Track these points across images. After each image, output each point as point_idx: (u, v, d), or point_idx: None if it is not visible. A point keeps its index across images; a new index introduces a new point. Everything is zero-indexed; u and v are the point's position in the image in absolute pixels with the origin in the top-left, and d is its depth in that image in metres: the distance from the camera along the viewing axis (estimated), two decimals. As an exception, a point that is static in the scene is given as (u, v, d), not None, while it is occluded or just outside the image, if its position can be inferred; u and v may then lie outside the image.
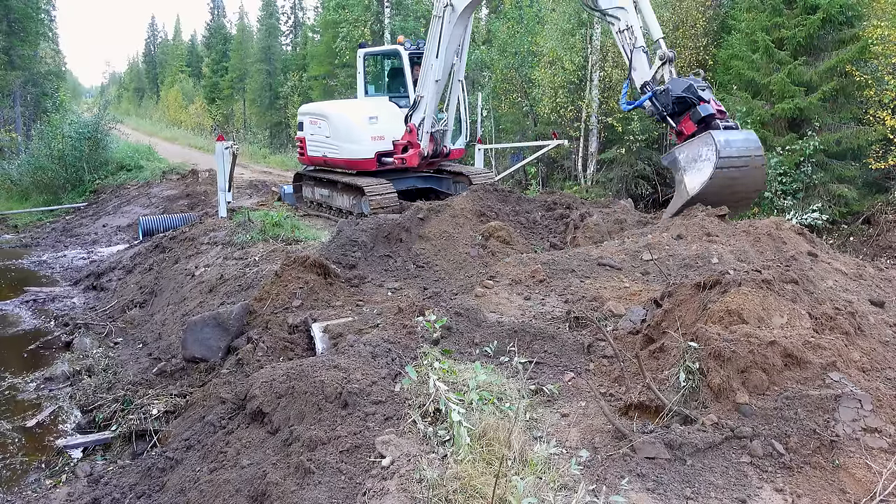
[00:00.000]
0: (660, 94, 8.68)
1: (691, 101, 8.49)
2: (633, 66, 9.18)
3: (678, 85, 8.59)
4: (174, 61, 70.53)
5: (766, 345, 3.93)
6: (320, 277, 7.60)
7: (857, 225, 13.62)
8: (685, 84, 8.56)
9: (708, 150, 8.11)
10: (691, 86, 8.52)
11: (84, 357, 9.26)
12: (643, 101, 8.89)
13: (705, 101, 8.50)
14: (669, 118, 8.70)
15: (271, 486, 3.85)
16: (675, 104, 8.56)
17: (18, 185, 23.89)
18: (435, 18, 11.86)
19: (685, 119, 8.59)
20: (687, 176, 8.36)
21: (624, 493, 3.28)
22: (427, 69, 12.20)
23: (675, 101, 8.54)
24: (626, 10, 9.18)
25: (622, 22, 9.22)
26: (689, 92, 8.47)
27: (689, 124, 8.56)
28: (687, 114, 8.57)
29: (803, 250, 6.54)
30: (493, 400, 4.07)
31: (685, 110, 8.57)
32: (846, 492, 3.35)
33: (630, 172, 18.97)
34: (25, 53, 30.37)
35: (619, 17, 9.23)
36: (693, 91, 8.49)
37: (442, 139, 13.03)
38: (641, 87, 9.08)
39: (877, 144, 13.65)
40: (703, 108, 8.41)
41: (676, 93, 8.51)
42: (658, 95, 8.69)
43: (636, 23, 9.14)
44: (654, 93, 8.72)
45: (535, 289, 6.36)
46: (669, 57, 8.89)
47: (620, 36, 9.30)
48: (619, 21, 9.25)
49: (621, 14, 9.22)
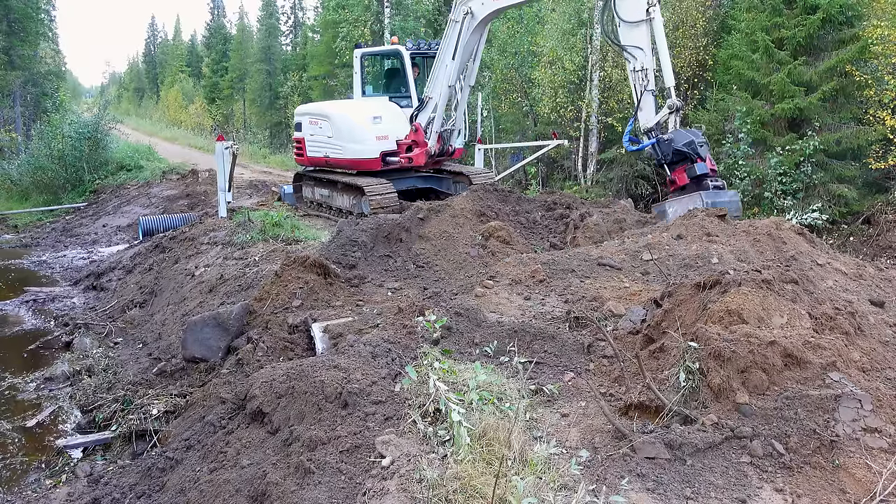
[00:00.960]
0: (663, 142, 9.15)
1: (689, 157, 9.02)
2: (640, 107, 9.54)
3: (681, 137, 9.09)
4: (174, 61, 70.52)
5: (766, 345, 3.93)
6: (320, 277, 7.60)
7: (857, 225, 13.62)
8: (687, 138, 9.05)
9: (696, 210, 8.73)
10: (693, 141, 9.02)
11: (84, 357, 9.25)
12: (647, 145, 9.39)
13: (702, 158, 9.03)
14: (666, 166, 9.28)
15: (271, 486, 3.85)
16: (674, 154, 9.08)
17: (18, 185, 23.88)
18: (452, 23, 11.95)
19: (680, 170, 9.16)
20: None
21: (624, 493, 3.28)
22: (439, 71, 12.30)
23: (675, 152, 9.07)
24: (644, 51, 9.35)
25: (638, 62, 9.43)
26: (690, 147, 8.99)
27: (683, 176, 9.15)
28: (683, 165, 9.10)
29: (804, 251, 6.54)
30: (493, 400, 4.07)
31: (682, 161, 9.10)
32: (846, 492, 3.35)
33: (630, 172, 18.97)
34: (25, 53, 30.36)
35: (637, 56, 9.43)
36: (693, 147, 9.00)
37: (449, 139, 13.12)
38: (647, 131, 9.46)
39: (877, 144, 13.64)
40: (699, 167, 8.97)
41: (678, 145, 9.03)
42: (661, 143, 9.16)
43: (651, 66, 9.39)
44: (658, 140, 9.17)
45: (535, 289, 6.36)
46: (678, 106, 9.28)
47: (634, 75, 9.57)
48: (635, 60, 9.46)
49: (638, 54, 9.41)
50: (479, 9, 11.50)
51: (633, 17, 9.31)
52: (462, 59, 12.04)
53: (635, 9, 9.27)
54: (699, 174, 8.97)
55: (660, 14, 9.36)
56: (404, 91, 13.55)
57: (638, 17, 9.27)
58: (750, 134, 14.24)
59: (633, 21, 9.31)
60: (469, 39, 11.80)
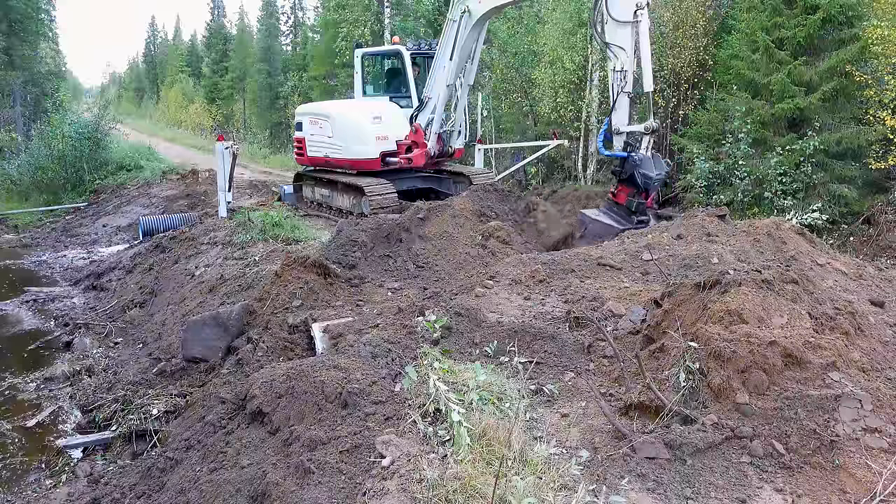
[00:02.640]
0: (631, 161, 9.38)
1: (639, 189, 9.38)
2: (614, 108, 9.61)
3: (646, 168, 9.32)
4: (174, 61, 70.49)
5: (766, 345, 3.93)
6: (320, 277, 7.60)
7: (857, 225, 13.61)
8: (650, 174, 9.29)
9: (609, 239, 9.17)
10: (651, 178, 9.30)
11: (84, 357, 9.26)
12: (619, 155, 9.60)
13: (648, 196, 9.49)
14: (618, 180, 9.67)
15: (271, 486, 3.85)
16: (631, 177, 9.39)
17: (18, 185, 23.86)
18: (451, 22, 11.91)
19: (625, 190, 9.55)
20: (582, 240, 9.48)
21: (624, 493, 3.28)
22: (438, 71, 12.26)
23: (631, 176, 9.38)
24: (626, 52, 9.34)
25: (619, 62, 9.44)
26: (646, 182, 9.30)
27: (623, 196, 9.58)
28: (630, 189, 9.48)
29: (804, 251, 6.54)
30: (493, 400, 4.07)
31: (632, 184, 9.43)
32: (846, 492, 3.35)
33: (630, 172, 18.93)
34: (25, 53, 30.36)
35: (618, 56, 9.43)
36: (648, 185, 9.33)
37: (448, 139, 13.10)
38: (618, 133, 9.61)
39: (877, 144, 13.62)
40: (639, 203, 9.43)
41: (640, 171, 9.28)
42: (629, 161, 9.40)
43: (630, 67, 9.40)
44: (630, 157, 9.39)
45: (535, 289, 6.36)
46: (654, 129, 9.52)
47: (613, 75, 9.63)
48: (616, 60, 9.48)
49: (620, 54, 9.41)
50: (476, 7, 11.46)
51: (621, 17, 9.29)
52: (460, 59, 12.00)
53: (624, 8, 9.25)
54: (634, 209, 9.43)
55: (647, 18, 9.37)
56: (405, 91, 13.55)
57: (626, 17, 9.26)
58: (750, 134, 14.23)
59: (621, 20, 9.29)
60: (467, 39, 11.77)
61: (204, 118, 51.99)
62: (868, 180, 13.97)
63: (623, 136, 9.53)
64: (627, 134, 9.52)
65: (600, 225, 9.52)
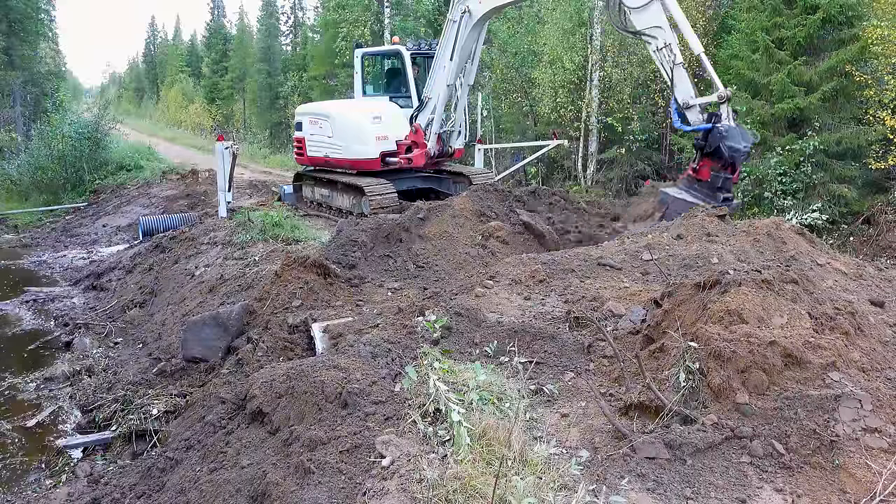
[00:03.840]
0: (717, 133, 8.72)
1: (725, 163, 8.77)
2: (674, 84, 9.15)
3: (735, 137, 8.68)
4: (174, 61, 70.49)
5: (766, 345, 3.93)
6: (320, 277, 7.60)
7: (857, 225, 13.61)
8: (737, 145, 8.65)
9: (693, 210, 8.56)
10: (739, 150, 8.67)
11: (84, 357, 9.26)
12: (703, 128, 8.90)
13: (734, 171, 8.86)
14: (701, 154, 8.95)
15: (271, 486, 3.85)
16: (716, 150, 8.73)
17: (18, 185, 23.87)
18: (451, 23, 11.90)
19: (708, 164, 8.90)
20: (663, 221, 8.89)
21: (624, 493, 3.28)
22: (438, 72, 12.25)
23: (717, 149, 8.72)
24: (662, 28, 9.11)
25: (659, 41, 9.15)
26: (732, 155, 8.66)
27: (706, 172, 8.91)
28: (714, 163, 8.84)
29: (804, 251, 6.54)
30: (493, 400, 4.07)
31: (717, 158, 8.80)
32: (846, 492, 3.35)
33: (630, 172, 18.97)
34: (25, 53, 30.37)
35: (657, 35, 9.16)
36: (735, 157, 8.70)
37: (448, 139, 13.09)
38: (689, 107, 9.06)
39: (877, 144, 13.63)
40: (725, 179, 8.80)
41: (726, 144, 8.63)
42: (714, 133, 8.74)
43: (673, 40, 9.11)
44: (714, 128, 8.74)
45: (535, 289, 6.36)
46: (728, 96, 8.85)
47: (658, 54, 9.26)
48: (655, 40, 9.19)
49: (658, 33, 9.15)
50: (476, 7, 11.46)
51: (639, 3, 9.14)
52: (460, 59, 11.99)
53: None
54: (720, 186, 8.84)
55: None
56: (405, 91, 13.55)
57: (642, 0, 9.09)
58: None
59: (641, 5, 9.13)
60: (467, 39, 11.77)
61: (204, 118, 52.01)
62: (868, 180, 13.99)
63: (696, 109, 9.03)
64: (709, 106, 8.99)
65: (683, 203, 8.87)
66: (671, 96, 9.40)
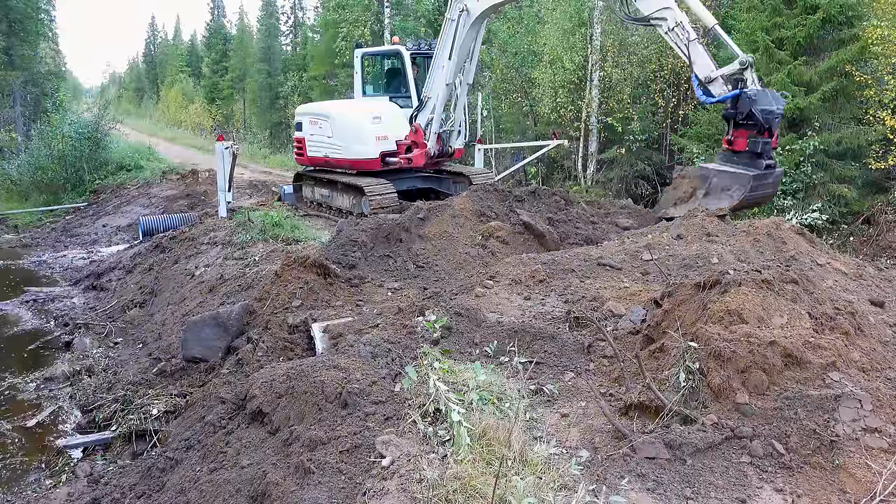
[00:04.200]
0: (745, 97, 8.42)
1: (760, 127, 8.41)
2: (692, 61, 8.87)
3: (763, 102, 8.37)
4: (174, 61, 70.52)
5: (766, 345, 3.93)
6: (320, 277, 7.60)
7: (857, 225, 13.61)
8: (768, 107, 8.35)
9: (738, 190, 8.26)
10: (772, 112, 8.35)
11: (84, 357, 9.26)
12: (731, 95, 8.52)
13: (771, 134, 8.41)
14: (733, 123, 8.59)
15: (271, 486, 3.85)
16: (748, 115, 8.39)
17: (18, 185, 23.87)
18: (449, 22, 11.91)
19: (743, 133, 8.54)
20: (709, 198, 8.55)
21: (624, 493, 3.28)
22: (437, 71, 12.25)
23: (749, 114, 8.38)
24: (671, 8, 8.97)
25: (670, 21, 8.97)
26: (766, 117, 8.32)
27: (743, 142, 8.51)
28: (749, 131, 8.49)
29: (804, 251, 6.54)
30: (493, 400, 4.07)
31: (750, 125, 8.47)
32: (846, 492, 3.35)
33: (630, 172, 18.96)
34: (25, 53, 30.37)
35: (666, 17, 9.00)
36: (770, 119, 8.36)
37: (448, 139, 13.09)
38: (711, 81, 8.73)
39: (877, 144, 13.63)
40: (764, 143, 8.36)
41: (758, 108, 8.30)
42: (743, 98, 8.43)
43: (684, 17, 8.94)
44: (742, 93, 8.43)
45: (535, 289, 6.36)
46: (749, 61, 8.56)
47: (671, 35, 9.04)
48: (665, 21, 9.01)
49: (666, 14, 9.00)
50: (473, 6, 11.46)
51: None
52: (459, 58, 11.98)
53: None
54: (760, 151, 8.39)
55: None
56: (405, 91, 13.54)
57: None
58: (750, 134, 14.24)
59: None
60: (465, 37, 11.76)
61: (204, 118, 52.02)
62: (868, 180, 13.98)
63: (720, 81, 8.68)
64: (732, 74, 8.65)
65: (728, 176, 8.49)
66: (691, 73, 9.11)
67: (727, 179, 8.46)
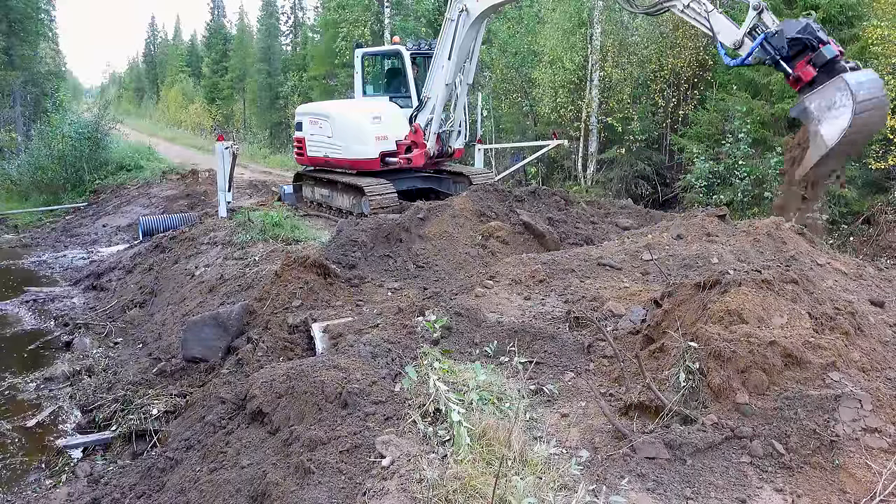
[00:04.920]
0: (772, 36, 7.80)
1: (810, 43, 7.73)
2: (715, 31, 8.46)
3: (792, 26, 7.76)
4: (174, 61, 70.53)
5: (766, 345, 3.93)
6: (320, 277, 7.60)
7: (857, 225, 13.62)
8: (801, 24, 7.70)
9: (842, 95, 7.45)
10: (808, 25, 7.66)
11: (84, 357, 9.26)
12: (753, 49, 8.05)
13: (825, 42, 7.73)
14: (784, 62, 7.92)
15: (271, 486, 3.85)
16: (790, 45, 7.78)
17: (18, 185, 23.88)
18: (448, 22, 11.92)
19: (801, 63, 7.83)
20: (823, 126, 7.69)
21: (624, 493, 3.28)
22: (437, 71, 12.26)
23: (790, 42, 7.69)
24: None
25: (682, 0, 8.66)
26: (807, 33, 7.62)
27: (808, 70, 7.76)
28: (805, 56, 7.81)
29: (804, 251, 6.54)
30: (493, 400, 4.07)
31: (799, 53, 7.84)
32: (846, 492, 3.35)
33: (630, 172, 18.97)
34: (25, 53, 30.38)
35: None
36: (811, 31, 7.64)
37: (448, 139, 13.10)
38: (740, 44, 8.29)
39: (877, 144, 13.63)
40: (827, 50, 7.59)
41: (791, 34, 7.67)
42: (770, 38, 7.88)
43: None
44: (766, 36, 7.91)
45: (535, 289, 6.36)
46: (763, 5, 8.08)
47: (688, 11, 8.72)
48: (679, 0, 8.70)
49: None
50: (473, 6, 11.47)
51: None
52: (459, 58, 11.99)
53: None
54: (829, 59, 7.54)
55: None
56: (405, 91, 13.55)
57: None
58: (750, 134, 14.24)
59: None
60: (465, 37, 11.77)
61: (204, 118, 52.03)
62: (868, 180, 13.98)
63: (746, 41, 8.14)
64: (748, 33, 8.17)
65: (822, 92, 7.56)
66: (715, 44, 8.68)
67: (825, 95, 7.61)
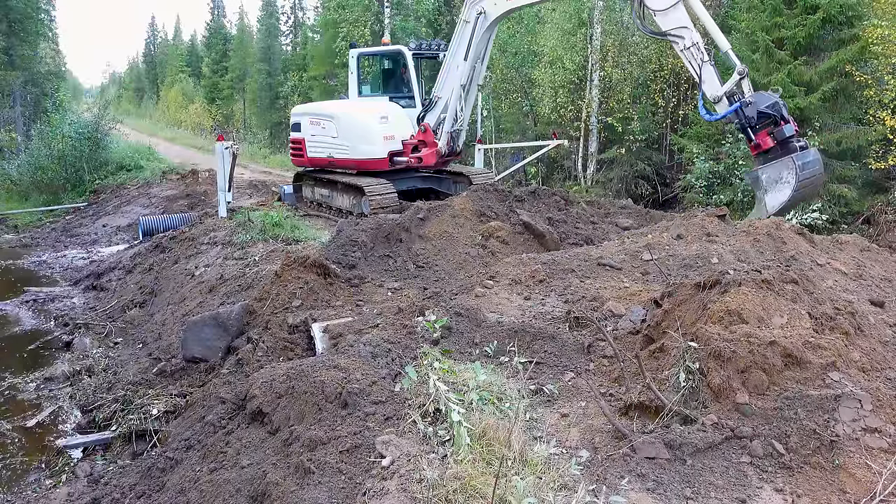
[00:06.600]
0: (746, 105, 8.99)
1: (775, 118, 8.88)
2: (702, 80, 9.37)
3: (763, 99, 8.95)
4: (174, 61, 70.52)
5: (766, 345, 3.93)
6: (320, 277, 7.60)
7: (857, 225, 13.62)
8: (770, 100, 8.93)
9: (789, 174, 8.74)
10: (777, 103, 8.90)
11: (84, 357, 9.26)
12: (730, 111, 9.14)
13: (786, 120, 8.90)
14: (750, 130, 9.07)
15: (271, 486, 3.85)
16: (759, 116, 8.91)
17: (18, 185, 23.88)
18: (464, 24, 12.07)
19: (763, 133, 9.00)
20: (768, 196, 8.98)
21: (624, 493, 3.28)
22: (450, 72, 12.39)
23: (759, 114, 8.89)
24: (689, 28, 9.34)
25: (686, 40, 9.37)
26: (775, 109, 8.85)
27: (767, 139, 8.98)
28: (767, 129, 8.96)
29: (804, 251, 6.54)
30: (493, 400, 4.07)
31: (765, 124, 8.96)
32: (846, 492, 3.35)
33: (630, 172, 18.98)
34: (25, 53, 30.38)
35: (683, 35, 9.38)
36: (778, 109, 8.88)
37: (457, 139, 13.16)
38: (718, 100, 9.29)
39: (877, 144, 13.65)
40: (787, 129, 8.83)
41: (762, 107, 8.86)
42: (745, 107, 8.99)
43: (700, 39, 9.36)
44: (742, 104, 9.00)
45: (535, 289, 6.36)
46: (745, 70, 9.11)
47: (686, 53, 9.47)
48: (682, 40, 9.41)
49: (684, 33, 9.38)
50: (492, 9, 11.60)
51: (663, 6, 9.39)
52: (473, 60, 12.15)
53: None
54: (787, 136, 8.86)
55: None
56: (406, 91, 13.55)
57: (668, 3, 9.33)
58: (750, 134, 14.23)
59: (666, 7, 9.36)
60: (481, 39, 11.92)
61: (204, 118, 52.04)
62: (868, 180, 13.99)
63: (724, 100, 9.26)
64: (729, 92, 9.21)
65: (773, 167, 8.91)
66: (699, 91, 9.60)
67: (775, 170, 8.89)
